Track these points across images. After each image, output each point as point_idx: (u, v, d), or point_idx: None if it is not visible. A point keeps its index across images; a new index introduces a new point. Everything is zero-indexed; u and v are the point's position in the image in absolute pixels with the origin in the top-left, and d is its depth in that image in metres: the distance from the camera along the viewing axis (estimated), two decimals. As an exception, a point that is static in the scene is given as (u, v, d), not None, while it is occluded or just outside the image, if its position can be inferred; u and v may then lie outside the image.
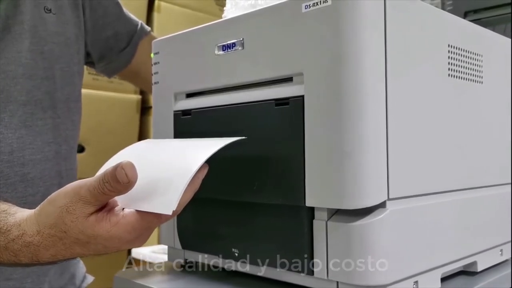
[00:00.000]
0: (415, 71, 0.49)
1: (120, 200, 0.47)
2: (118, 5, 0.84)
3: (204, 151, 0.46)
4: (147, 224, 0.45)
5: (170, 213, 0.42)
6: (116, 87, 1.55)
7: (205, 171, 0.47)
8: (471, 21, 0.62)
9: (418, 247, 0.48)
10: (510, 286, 0.58)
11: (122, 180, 0.43)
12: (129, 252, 1.54)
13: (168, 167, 0.47)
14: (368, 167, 0.44)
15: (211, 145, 0.47)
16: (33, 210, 0.49)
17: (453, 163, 0.54)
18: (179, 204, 0.44)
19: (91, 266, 0.90)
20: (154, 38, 0.70)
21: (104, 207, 0.46)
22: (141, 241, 0.48)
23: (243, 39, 0.53)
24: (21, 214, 0.50)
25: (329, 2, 0.45)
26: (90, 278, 0.82)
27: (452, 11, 1.08)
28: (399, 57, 0.47)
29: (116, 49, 0.84)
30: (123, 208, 0.46)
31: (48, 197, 0.47)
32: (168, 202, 0.43)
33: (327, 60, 0.45)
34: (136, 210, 0.45)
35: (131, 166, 0.43)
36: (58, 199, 0.46)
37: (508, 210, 0.65)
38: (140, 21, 0.88)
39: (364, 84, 0.44)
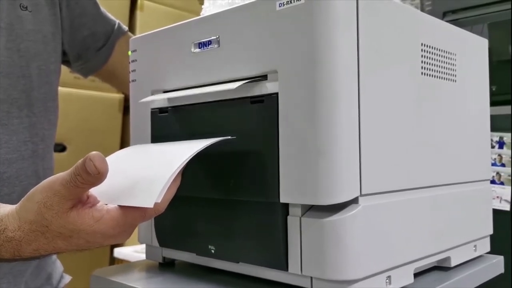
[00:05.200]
0: (387, 69, 0.50)
1: (103, 197, 0.47)
2: (96, 5, 0.83)
3: (189, 149, 0.47)
4: (131, 220, 0.45)
5: (152, 205, 0.43)
6: (98, 86, 1.54)
7: (184, 165, 0.47)
8: (449, 21, 0.64)
9: (390, 242, 0.49)
10: None
11: (91, 171, 0.43)
12: (111, 251, 1.53)
13: (152, 165, 0.48)
14: (341, 163, 0.44)
15: (197, 144, 0.47)
16: (15, 206, 0.49)
17: (426, 160, 0.55)
18: (163, 200, 0.44)
19: (73, 266, 0.90)
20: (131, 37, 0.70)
21: (86, 202, 0.46)
22: (124, 237, 0.47)
23: (219, 36, 0.53)
24: (3, 209, 0.49)
25: (302, 1, 0.45)
26: (67, 278, 0.81)
27: (431, 12, 1.10)
28: (371, 55, 0.47)
29: (93, 48, 0.84)
30: (107, 204, 0.46)
31: (28, 192, 0.47)
32: (150, 196, 0.43)
33: (300, 58, 0.46)
34: (120, 206, 0.45)
35: (99, 157, 0.43)
36: (35, 194, 0.46)
37: (482, 206, 0.66)
38: (118, 21, 0.87)
39: (337, 82, 0.45)
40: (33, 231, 0.46)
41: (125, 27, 0.88)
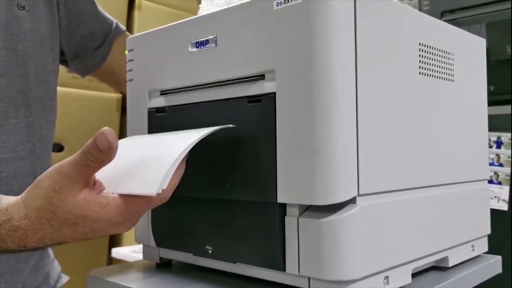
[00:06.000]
0: (385, 69, 0.50)
1: (108, 185, 0.47)
2: (94, 4, 0.83)
3: (191, 137, 0.47)
4: (136, 208, 0.46)
5: (154, 193, 0.43)
6: (96, 85, 1.54)
7: (187, 154, 0.48)
8: (447, 21, 0.64)
9: (388, 242, 0.49)
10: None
11: (103, 146, 0.43)
12: (109, 251, 1.53)
13: (156, 153, 0.48)
14: (338, 163, 0.44)
15: (198, 133, 0.48)
16: (20, 196, 0.49)
17: (424, 160, 0.55)
18: (168, 188, 0.44)
19: (70, 266, 0.90)
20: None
21: (93, 188, 0.46)
22: (128, 225, 0.48)
23: (216, 36, 0.53)
24: (8, 199, 0.49)
25: (300, 0, 0.45)
26: (65, 278, 0.81)
27: (429, 11, 1.10)
28: (369, 55, 0.47)
29: (91, 48, 0.84)
30: (112, 192, 0.46)
31: (34, 181, 0.47)
32: (155, 183, 0.43)
33: (298, 57, 0.45)
34: (126, 194, 0.45)
35: (111, 131, 0.44)
36: (42, 180, 0.46)
37: (480, 206, 0.66)
38: (115, 20, 0.87)
39: (334, 82, 0.44)
40: (40, 218, 0.46)
41: (123, 27, 0.88)
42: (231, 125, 0.50)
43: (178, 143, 0.47)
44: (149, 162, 0.46)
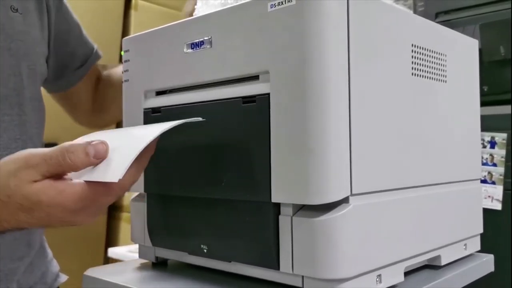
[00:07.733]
0: (378, 70, 0.50)
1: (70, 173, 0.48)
2: (79, 26, 0.86)
3: (155, 129, 0.48)
4: (93, 195, 0.46)
5: (115, 180, 0.43)
6: (92, 85, 1.53)
7: (153, 150, 0.48)
8: (441, 22, 0.64)
9: (381, 241, 0.49)
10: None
11: (98, 154, 0.45)
12: (106, 251, 1.53)
13: (119, 144, 0.49)
14: (331, 163, 0.45)
15: (164, 124, 0.48)
16: None
17: (416, 160, 0.55)
18: (127, 177, 0.44)
19: (67, 265, 0.90)
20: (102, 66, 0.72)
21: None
22: (86, 215, 0.48)
23: (211, 37, 0.53)
24: None
25: (293, 2, 0.46)
26: (63, 277, 0.81)
27: (423, 12, 1.10)
28: (362, 56, 0.48)
29: (71, 67, 0.86)
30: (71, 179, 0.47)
31: None
32: (114, 171, 0.44)
33: (292, 58, 0.46)
34: (84, 181, 0.46)
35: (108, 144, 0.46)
36: (6, 163, 0.47)
37: (472, 205, 0.67)
38: (95, 46, 0.89)
39: (328, 83, 0.45)
40: None
41: (101, 52, 0.90)
42: (200, 119, 0.51)
43: (144, 134, 0.48)
44: (113, 152, 0.47)
